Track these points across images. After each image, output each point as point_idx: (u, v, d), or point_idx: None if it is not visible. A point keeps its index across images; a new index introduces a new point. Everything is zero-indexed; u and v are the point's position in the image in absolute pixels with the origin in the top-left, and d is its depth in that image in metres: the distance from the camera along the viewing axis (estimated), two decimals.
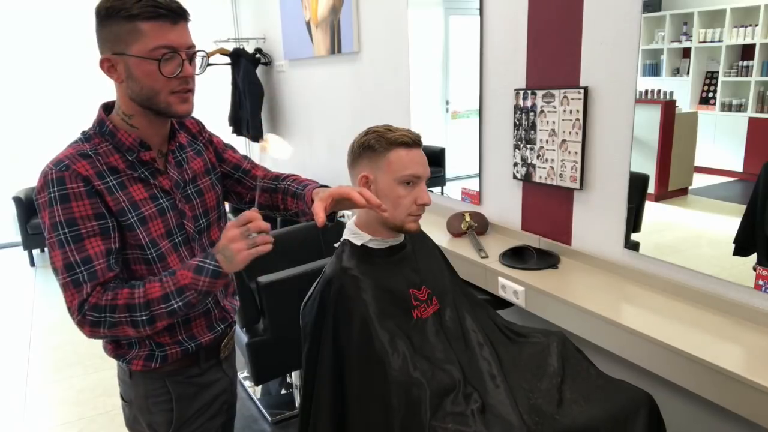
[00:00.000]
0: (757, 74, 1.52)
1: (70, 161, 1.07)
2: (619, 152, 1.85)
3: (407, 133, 1.33)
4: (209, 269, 1.07)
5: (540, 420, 1.25)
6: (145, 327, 1.08)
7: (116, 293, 1.06)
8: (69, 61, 5.19)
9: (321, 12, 3.62)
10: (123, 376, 1.27)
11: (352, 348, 1.26)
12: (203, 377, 1.29)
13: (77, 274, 1.05)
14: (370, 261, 1.36)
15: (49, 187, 1.05)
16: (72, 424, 2.60)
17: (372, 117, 3.29)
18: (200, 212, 1.27)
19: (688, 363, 1.40)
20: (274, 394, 2.72)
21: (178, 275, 1.08)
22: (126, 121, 1.14)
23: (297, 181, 1.39)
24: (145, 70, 1.08)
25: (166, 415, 1.25)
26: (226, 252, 1.05)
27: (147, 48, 1.06)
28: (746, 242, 1.56)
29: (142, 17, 1.05)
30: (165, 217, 1.18)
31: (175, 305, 1.07)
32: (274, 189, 1.39)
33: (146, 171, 1.16)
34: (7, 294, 4.33)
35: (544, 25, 2.03)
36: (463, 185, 2.64)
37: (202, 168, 1.29)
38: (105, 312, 1.05)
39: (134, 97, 1.11)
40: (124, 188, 1.12)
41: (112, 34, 1.07)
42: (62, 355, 3.25)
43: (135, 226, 1.12)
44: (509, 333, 1.50)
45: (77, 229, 1.05)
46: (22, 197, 4.72)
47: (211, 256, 1.08)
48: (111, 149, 1.13)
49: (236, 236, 1.04)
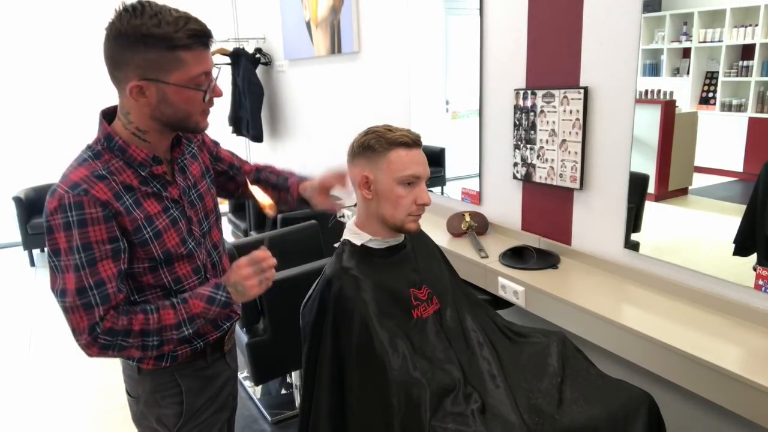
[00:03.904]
0: (757, 74, 1.52)
1: (88, 185, 1.04)
2: (619, 152, 1.85)
3: (407, 133, 1.33)
4: (221, 301, 1.14)
5: (540, 420, 1.25)
6: (153, 351, 1.12)
7: (131, 319, 1.08)
8: (69, 61, 5.19)
9: (321, 12, 3.62)
10: (130, 372, 1.28)
11: (352, 348, 1.26)
12: (209, 370, 1.31)
13: (89, 297, 1.05)
14: (370, 261, 1.36)
15: (67, 211, 1.03)
16: (72, 424, 2.60)
17: (372, 117, 3.29)
18: (203, 216, 1.28)
19: (688, 363, 1.40)
20: (274, 394, 2.72)
21: (191, 304, 1.13)
22: (138, 135, 1.12)
23: (274, 173, 1.54)
24: (184, 97, 1.08)
25: (175, 408, 1.26)
26: (238, 287, 1.14)
27: (188, 76, 1.06)
28: (746, 242, 1.56)
29: (185, 47, 1.04)
30: (177, 226, 1.19)
31: (185, 332, 1.13)
32: (256, 180, 1.50)
33: (158, 184, 1.17)
34: (7, 294, 4.33)
35: (544, 25, 2.03)
36: (463, 185, 2.64)
37: (199, 171, 1.30)
38: (119, 336, 1.07)
39: (160, 118, 1.10)
40: (140, 205, 1.12)
41: (148, 62, 1.03)
42: (62, 355, 3.25)
43: (149, 241, 1.13)
44: (509, 333, 1.50)
45: (92, 253, 1.05)
46: (22, 197, 4.72)
47: (222, 288, 1.15)
48: (122, 165, 1.11)
49: (251, 275, 1.14)
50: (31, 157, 5.27)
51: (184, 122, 1.13)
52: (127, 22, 1.01)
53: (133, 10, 1.02)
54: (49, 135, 5.29)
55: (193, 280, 1.23)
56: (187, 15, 1.05)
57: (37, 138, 5.26)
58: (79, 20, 5.16)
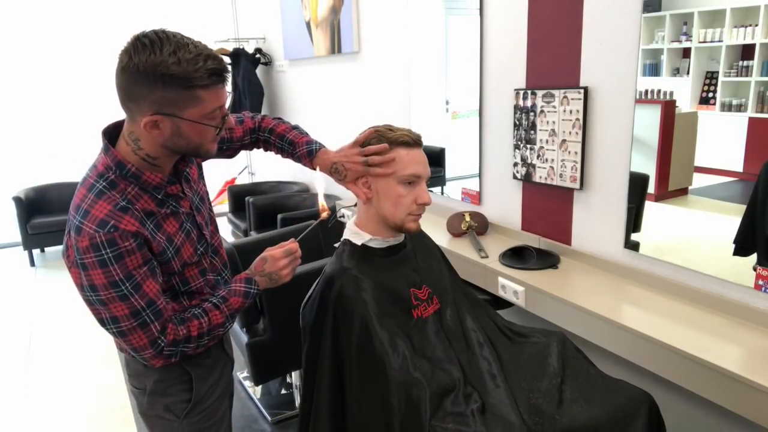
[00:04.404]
0: (757, 74, 1.52)
1: (115, 221, 1.06)
2: (619, 152, 1.85)
3: (408, 132, 1.33)
4: (253, 293, 1.27)
5: (540, 420, 1.25)
6: (201, 347, 1.24)
7: (188, 327, 1.18)
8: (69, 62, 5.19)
9: (321, 12, 3.62)
10: (135, 366, 1.29)
11: (352, 348, 1.26)
12: (211, 358, 1.34)
13: (143, 317, 1.10)
14: (371, 261, 1.36)
15: (101, 249, 1.04)
16: (72, 424, 2.60)
17: (372, 117, 3.29)
18: (207, 218, 1.32)
19: (688, 363, 1.40)
20: (274, 394, 2.72)
21: (231, 301, 1.24)
22: (149, 161, 1.12)
23: (286, 140, 1.46)
24: (198, 130, 1.09)
25: (184, 395, 1.30)
26: (273, 276, 1.27)
27: (204, 112, 1.07)
28: (746, 242, 1.56)
29: (203, 87, 1.04)
30: (190, 237, 1.22)
31: (228, 326, 1.26)
32: (266, 141, 1.48)
33: (173, 202, 1.19)
34: (7, 294, 4.33)
35: (544, 25, 2.03)
36: (463, 185, 2.64)
37: (196, 174, 1.32)
38: (181, 344, 1.17)
39: (172, 148, 1.11)
40: (160, 228, 1.15)
41: (165, 99, 1.03)
42: (62, 355, 3.25)
43: (171, 258, 1.17)
44: (509, 333, 1.50)
45: (135, 280, 1.08)
46: (22, 197, 4.72)
47: (253, 282, 1.27)
48: (138, 191, 1.12)
49: (286, 265, 1.28)
50: (31, 157, 5.27)
51: (194, 151, 1.15)
52: (146, 59, 0.99)
53: (151, 44, 1.00)
54: (49, 135, 5.29)
55: (200, 281, 1.26)
56: (206, 51, 1.04)
57: (37, 138, 5.26)
58: (78, 24, 5.16)
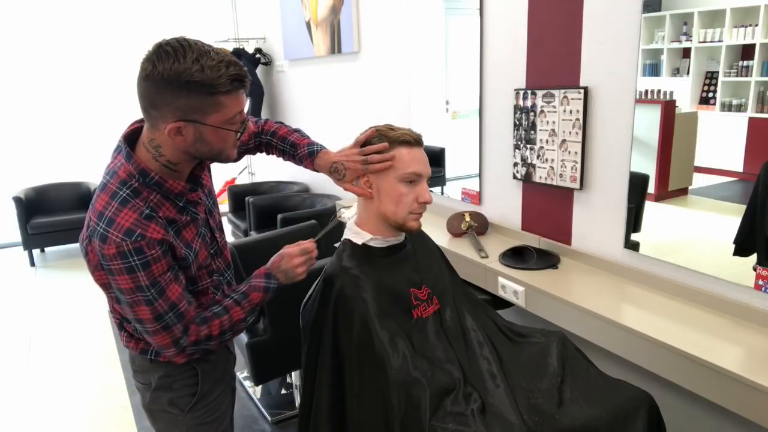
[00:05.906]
0: (757, 74, 1.52)
1: (141, 229, 1.07)
2: (619, 152, 1.85)
3: (409, 132, 1.34)
4: (272, 288, 1.29)
5: (540, 420, 1.25)
6: (225, 342, 1.27)
7: (209, 326, 1.20)
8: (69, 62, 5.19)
9: (321, 12, 3.62)
10: (140, 362, 1.30)
11: (352, 347, 1.26)
12: (215, 354, 1.36)
13: (166, 320, 1.14)
14: (371, 260, 1.36)
15: (128, 257, 1.07)
16: (72, 424, 2.60)
17: (372, 117, 3.29)
18: (218, 220, 1.34)
19: (688, 363, 1.40)
20: (274, 394, 2.72)
21: (252, 297, 1.26)
22: (169, 167, 1.14)
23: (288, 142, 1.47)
24: (220, 136, 1.10)
25: (189, 389, 1.31)
26: (289, 273, 1.29)
27: (226, 117, 1.08)
28: (746, 242, 1.56)
29: (226, 93, 1.05)
30: (204, 241, 1.25)
31: (249, 320, 1.28)
32: (268, 144, 1.50)
33: (192, 209, 1.20)
34: (7, 294, 4.33)
35: (544, 25, 2.03)
36: (463, 185, 2.64)
37: (209, 179, 1.34)
38: (202, 343, 1.21)
39: (194, 154, 1.13)
40: (180, 235, 1.17)
41: (188, 106, 1.04)
42: (62, 355, 3.25)
43: (191, 264, 1.20)
44: (509, 333, 1.50)
45: (159, 285, 1.12)
46: (22, 197, 4.71)
47: (273, 277, 1.28)
48: (160, 198, 1.14)
49: (302, 263, 1.30)
50: (30, 157, 5.27)
51: (216, 156, 1.16)
52: (170, 67, 1.00)
53: (174, 52, 1.01)
54: (49, 135, 5.29)
55: (206, 281, 1.28)
56: (227, 57, 1.06)
57: (37, 138, 5.26)
58: (79, 25, 5.16)
